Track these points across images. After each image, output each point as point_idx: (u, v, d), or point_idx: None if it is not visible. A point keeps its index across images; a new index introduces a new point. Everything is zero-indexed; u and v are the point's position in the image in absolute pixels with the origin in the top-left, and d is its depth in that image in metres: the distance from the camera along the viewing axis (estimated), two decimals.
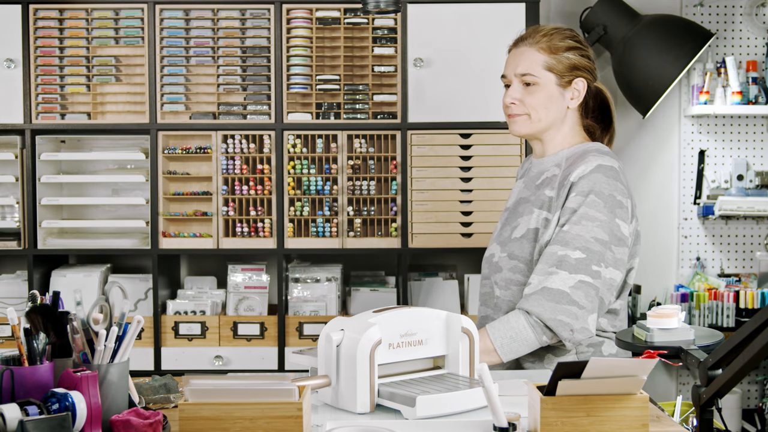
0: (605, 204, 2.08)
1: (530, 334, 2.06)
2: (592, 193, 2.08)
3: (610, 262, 2.08)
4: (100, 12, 3.44)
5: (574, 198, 2.09)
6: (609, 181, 2.10)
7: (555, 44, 2.19)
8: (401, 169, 3.44)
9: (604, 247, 2.06)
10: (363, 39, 3.45)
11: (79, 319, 1.61)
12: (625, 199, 2.13)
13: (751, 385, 3.90)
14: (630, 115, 3.82)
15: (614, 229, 2.08)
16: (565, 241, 2.06)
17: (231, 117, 3.45)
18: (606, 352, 2.16)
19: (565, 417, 1.49)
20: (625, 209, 2.12)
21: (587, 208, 2.07)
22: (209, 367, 3.46)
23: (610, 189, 2.10)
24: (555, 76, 2.19)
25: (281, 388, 1.50)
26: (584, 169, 2.11)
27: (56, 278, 3.51)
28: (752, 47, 3.87)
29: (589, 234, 2.05)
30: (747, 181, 3.81)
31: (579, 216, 2.07)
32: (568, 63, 2.19)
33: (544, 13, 3.82)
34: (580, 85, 2.20)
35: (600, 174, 2.10)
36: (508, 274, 2.18)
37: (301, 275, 3.58)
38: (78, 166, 3.62)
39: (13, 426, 1.40)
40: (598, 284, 2.06)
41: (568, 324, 2.03)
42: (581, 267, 2.04)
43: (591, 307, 2.05)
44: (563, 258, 2.05)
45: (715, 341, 1.77)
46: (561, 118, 2.22)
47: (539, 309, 2.04)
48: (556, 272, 2.04)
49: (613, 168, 2.13)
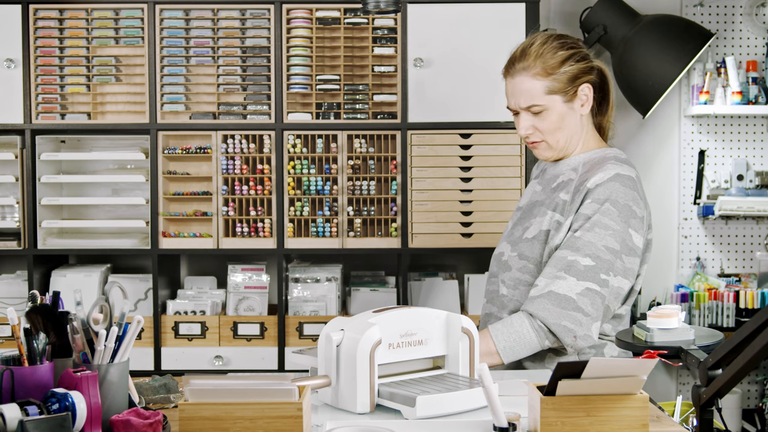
0: (620, 213, 2.07)
1: (533, 337, 2.06)
2: (608, 201, 2.07)
3: (620, 271, 2.07)
4: (100, 12, 3.44)
5: (590, 205, 2.08)
6: (626, 190, 2.09)
7: (549, 64, 2.13)
8: (401, 169, 3.44)
9: (614, 256, 2.05)
10: (363, 39, 3.45)
11: (79, 319, 1.61)
12: (640, 210, 2.11)
13: (751, 385, 3.90)
14: (630, 115, 3.82)
15: (626, 239, 2.07)
16: (576, 246, 2.05)
17: (231, 117, 3.45)
18: (608, 354, 2.16)
19: (565, 417, 1.49)
20: (640, 219, 2.11)
21: (601, 216, 2.06)
22: (209, 367, 3.46)
23: (626, 199, 2.08)
24: (560, 96, 2.14)
25: (281, 388, 1.50)
26: (602, 177, 2.09)
27: (56, 278, 3.51)
28: (752, 47, 3.87)
29: (600, 242, 2.04)
30: (747, 181, 3.81)
31: (592, 223, 2.06)
32: (567, 77, 2.13)
33: (544, 13, 3.82)
34: (587, 90, 2.17)
35: (617, 183, 2.09)
36: (517, 274, 2.17)
37: (301, 275, 3.58)
38: (78, 166, 3.62)
39: (13, 426, 1.40)
40: (605, 293, 2.05)
41: (572, 330, 2.02)
42: (589, 274, 2.03)
43: (596, 315, 2.04)
44: (572, 263, 2.04)
45: (715, 341, 1.77)
46: (578, 129, 2.20)
47: (544, 313, 2.03)
48: (564, 277, 2.04)
49: (631, 178, 2.12)
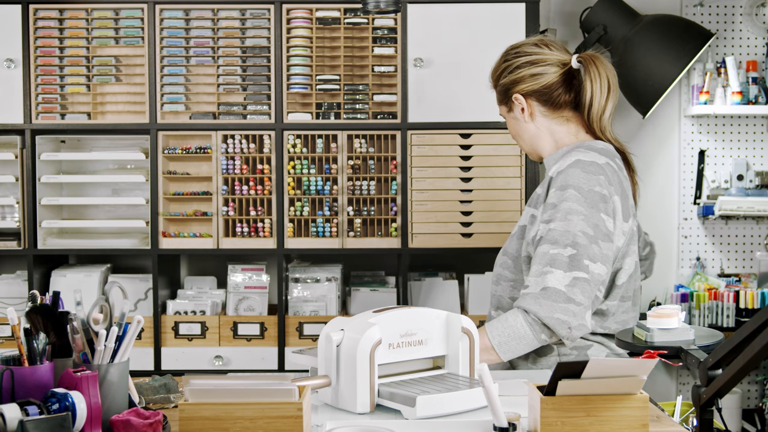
0: (585, 198, 2.07)
1: (528, 331, 2.06)
2: (571, 187, 2.08)
3: (598, 256, 2.06)
4: (100, 12, 3.44)
5: (554, 193, 2.10)
6: (587, 176, 2.09)
7: (493, 78, 2.30)
8: (401, 169, 3.43)
9: (590, 241, 2.05)
10: (363, 39, 3.45)
11: (79, 319, 1.61)
12: (607, 192, 2.10)
13: (751, 385, 3.90)
14: (630, 115, 3.82)
15: (599, 224, 2.07)
16: (554, 239, 2.06)
17: (231, 117, 3.45)
18: (592, 356, 2.14)
19: (565, 417, 1.49)
20: (610, 204, 2.10)
21: (569, 203, 2.07)
22: (209, 367, 3.46)
23: (590, 183, 2.08)
24: (504, 107, 2.31)
25: (281, 388, 1.50)
26: (562, 164, 2.14)
27: (56, 278, 3.51)
28: (752, 47, 3.87)
29: (575, 228, 2.05)
30: (747, 181, 3.81)
31: (563, 212, 2.06)
32: (501, 90, 2.28)
33: (544, 13, 3.82)
34: (520, 98, 2.24)
35: (578, 169, 2.10)
36: (498, 270, 2.24)
37: (301, 275, 3.58)
38: (78, 166, 3.62)
39: (13, 426, 1.40)
40: (591, 278, 2.05)
41: (565, 322, 2.02)
42: (574, 263, 2.04)
43: (587, 304, 2.04)
44: (555, 257, 2.05)
45: (715, 341, 1.77)
46: (536, 133, 2.27)
47: (536, 307, 2.04)
48: (551, 271, 2.04)
49: (594, 163, 2.12)
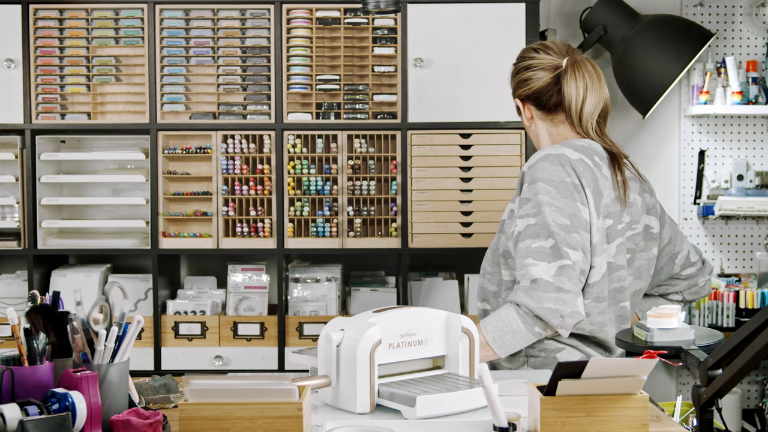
0: (557, 190, 2.09)
1: (520, 325, 2.05)
2: (540, 180, 2.11)
3: (578, 245, 2.06)
4: (100, 12, 3.44)
5: (526, 188, 2.14)
6: (555, 167, 2.11)
7: None
8: (401, 169, 3.43)
9: (567, 230, 2.06)
10: (363, 39, 3.45)
11: (79, 319, 1.61)
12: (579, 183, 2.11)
13: (751, 385, 3.90)
14: (630, 115, 3.82)
15: (576, 213, 2.08)
16: (535, 233, 2.07)
17: (231, 117, 3.45)
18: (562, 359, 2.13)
19: (565, 417, 1.49)
20: (583, 195, 2.11)
21: (542, 195, 2.09)
22: (209, 367, 3.46)
23: (559, 175, 2.10)
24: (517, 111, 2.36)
25: (281, 388, 1.50)
26: (532, 159, 2.17)
27: (56, 278, 3.51)
28: (752, 47, 3.87)
29: (551, 219, 2.06)
30: (747, 181, 3.81)
31: (536, 205, 2.08)
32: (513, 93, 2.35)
33: (544, 13, 3.82)
34: (518, 103, 2.32)
35: (546, 162, 2.13)
36: (483, 263, 2.31)
37: (301, 275, 3.58)
38: (78, 166, 3.62)
39: (13, 426, 1.40)
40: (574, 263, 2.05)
41: (556, 311, 2.01)
42: (556, 253, 2.04)
43: (577, 290, 2.04)
44: (538, 250, 2.05)
45: (715, 341, 1.77)
46: (538, 135, 2.33)
47: (526, 299, 2.04)
48: (535, 264, 2.04)
49: (562, 155, 2.14)
